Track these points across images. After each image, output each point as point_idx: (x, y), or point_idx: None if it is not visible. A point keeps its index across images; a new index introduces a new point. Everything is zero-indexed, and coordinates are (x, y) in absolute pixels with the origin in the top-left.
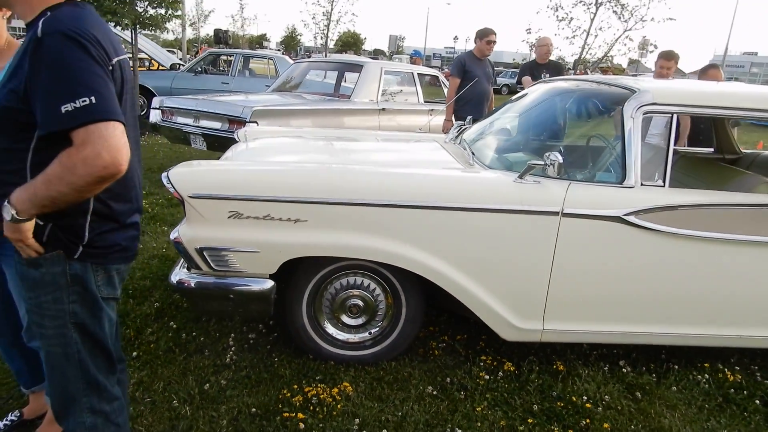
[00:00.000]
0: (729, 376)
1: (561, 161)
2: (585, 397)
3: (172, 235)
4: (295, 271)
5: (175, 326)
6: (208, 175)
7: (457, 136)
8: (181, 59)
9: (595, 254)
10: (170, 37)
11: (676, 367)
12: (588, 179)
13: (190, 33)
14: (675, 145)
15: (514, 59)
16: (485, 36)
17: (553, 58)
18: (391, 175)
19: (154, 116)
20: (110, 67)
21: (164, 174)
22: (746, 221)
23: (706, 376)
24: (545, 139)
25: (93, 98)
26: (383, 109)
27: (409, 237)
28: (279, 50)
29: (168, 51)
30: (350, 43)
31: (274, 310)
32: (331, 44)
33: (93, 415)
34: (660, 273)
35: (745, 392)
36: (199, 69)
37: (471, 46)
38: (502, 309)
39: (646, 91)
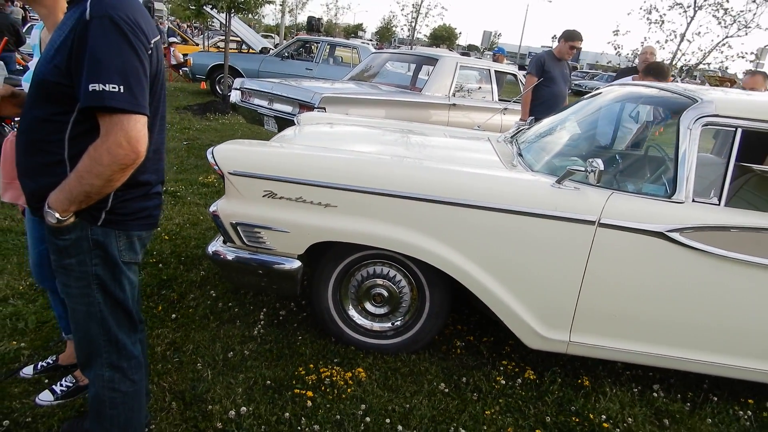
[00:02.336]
0: None
1: (602, 168)
2: (604, 416)
3: (211, 209)
4: (324, 255)
5: (214, 295)
6: (248, 155)
7: (512, 136)
8: (277, 44)
9: (631, 269)
10: (271, 22)
11: (716, 398)
12: (633, 190)
13: (288, 19)
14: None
15: (597, 61)
16: (571, 40)
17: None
18: (424, 169)
19: (235, 96)
20: (149, 51)
21: (209, 150)
22: None
23: (749, 412)
24: (597, 145)
25: (121, 88)
26: (454, 105)
27: (437, 232)
28: (371, 41)
29: (265, 35)
30: (443, 36)
31: (307, 291)
32: (423, 37)
33: (111, 369)
34: (702, 297)
35: None
36: (287, 54)
37: None
38: (528, 316)
39: (708, 102)
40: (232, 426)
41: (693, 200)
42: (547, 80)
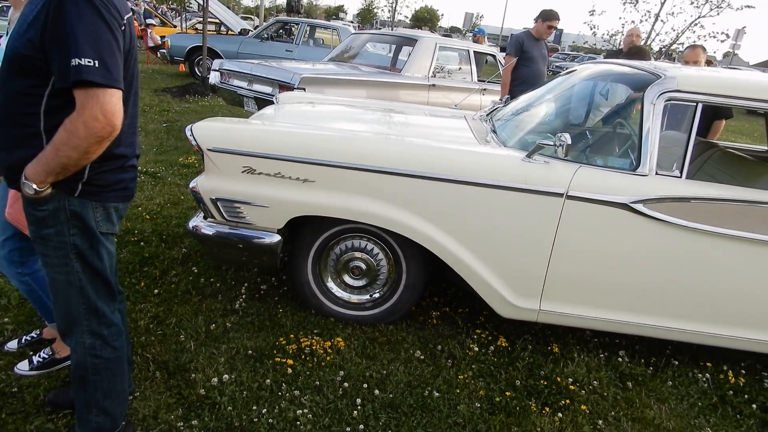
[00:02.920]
0: (731, 377)
1: (569, 143)
2: (571, 379)
3: (191, 185)
4: (302, 229)
5: (196, 271)
6: (226, 132)
7: (488, 114)
8: (257, 26)
9: (597, 240)
10: (251, 3)
11: (677, 363)
12: (600, 164)
13: (267, 1)
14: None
15: (574, 42)
16: (549, 19)
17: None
18: (399, 144)
19: (214, 77)
20: (122, 27)
21: (188, 127)
22: (765, 220)
23: (707, 375)
24: (568, 121)
25: (96, 62)
26: (433, 85)
27: (412, 206)
28: (353, 23)
29: (243, 17)
30: (425, 18)
31: (287, 265)
32: (405, 18)
33: (92, 336)
34: (664, 265)
35: (745, 396)
36: (266, 36)
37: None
38: (499, 285)
39: (671, 78)
40: (214, 392)
41: (656, 173)
42: (526, 60)
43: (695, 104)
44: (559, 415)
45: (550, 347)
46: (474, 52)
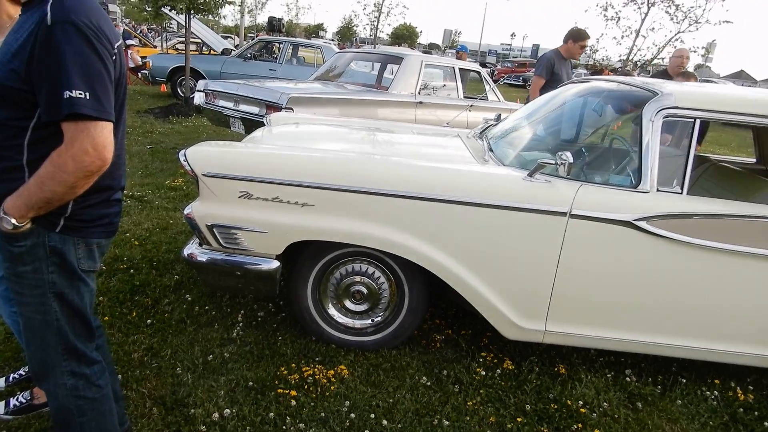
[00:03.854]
0: (740, 395)
1: (571, 161)
2: (581, 402)
3: (185, 211)
4: (302, 254)
5: (190, 299)
6: (221, 156)
7: (481, 132)
8: (237, 45)
9: (602, 258)
10: (230, 23)
11: (684, 380)
12: (602, 181)
13: (248, 20)
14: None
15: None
16: (580, 39)
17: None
18: (400, 166)
19: (198, 98)
20: (113, 57)
21: (181, 152)
22: (766, 235)
23: (716, 392)
24: (565, 139)
25: (87, 94)
26: (420, 103)
27: (413, 228)
28: (333, 41)
29: (224, 36)
30: (405, 35)
31: (285, 291)
32: (384, 36)
33: (74, 377)
34: (669, 282)
35: (755, 413)
36: (249, 55)
37: (528, 44)
38: (504, 307)
39: (668, 94)
40: (216, 429)
41: (657, 189)
42: (554, 81)
43: (693, 120)
44: None
45: (556, 368)
46: (459, 68)
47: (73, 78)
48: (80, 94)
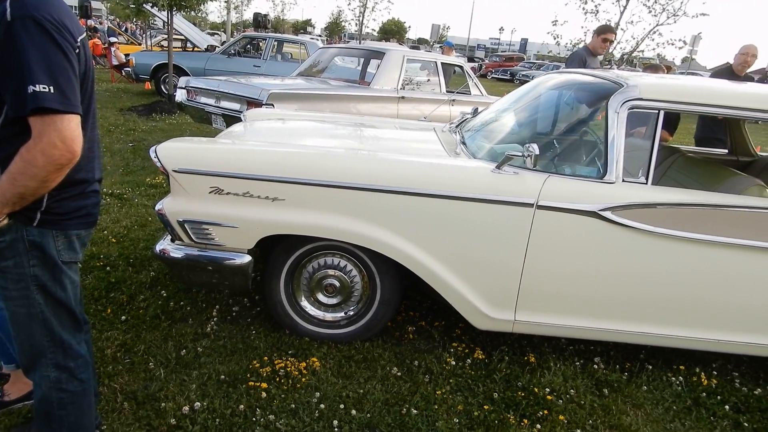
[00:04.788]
0: (704, 380)
1: (537, 153)
2: (548, 389)
3: (157, 207)
4: (274, 248)
5: (165, 295)
6: (192, 152)
7: (457, 126)
8: (224, 42)
9: (569, 248)
10: (217, 19)
11: (651, 367)
12: (569, 173)
13: (234, 16)
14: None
15: (538, 51)
16: (603, 33)
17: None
18: (369, 160)
19: (180, 95)
20: (76, 50)
21: (152, 148)
22: (729, 223)
23: (681, 378)
24: (537, 131)
25: (51, 88)
26: (403, 98)
27: (383, 221)
28: (321, 36)
29: (210, 33)
30: (393, 30)
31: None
32: (372, 31)
33: (58, 370)
34: (633, 271)
35: (718, 397)
36: (233, 51)
37: (516, 38)
38: (474, 297)
39: (633, 86)
40: (186, 421)
41: (623, 180)
42: None
43: (657, 111)
44: (538, 426)
45: (526, 357)
46: (441, 63)
47: (36, 73)
48: (44, 88)
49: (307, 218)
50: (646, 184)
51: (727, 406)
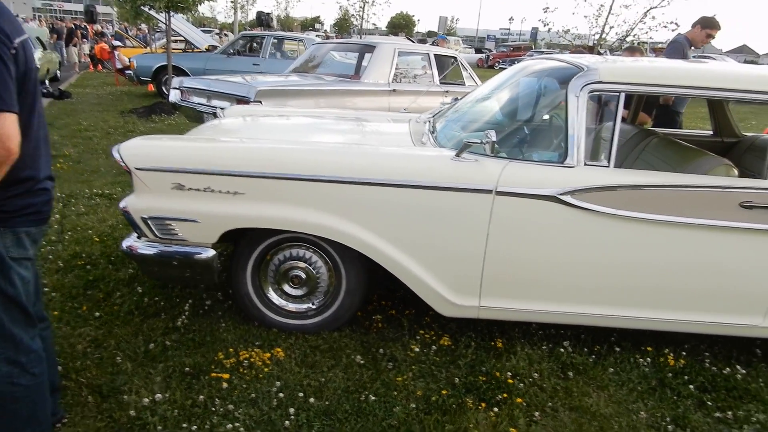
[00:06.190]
0: (671, 360)
1: (494, 139)
2: (510, 373)
3: (121, 205)
4: (240, 241)
5: (141, 291)
6: (153, 150)
7: (434, 115)
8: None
9: (530, 233)
10: (227, 19)
11: (619, 349)
12: (530, 158)
13: (240, 16)
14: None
15: (550, 40)
16: (709, 27)
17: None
18: (327, 152)
19: (174, 96)
20: (13, 51)
21: (114, 147)
22: (691, 204)
23: (648, 359)
24: (502, 118)
25: None
26: (394, 90)
27: (344, 211)
28: (327, 32)
29: (218, 33)
30: (401, 24)
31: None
32: (374, 26)
33: (9, 364)
34: (596, 254)
35: (685, 377)
36: (232, 51)
37: (527, 27)
38: (438, 285)
39: (593, 69)
40: (146, 413)
41: (585, 164)
42: None
43: (618, 94)
44: (495, 409)
45: (493, 342)
46: (434, 55)
47: None
48: None
49: (268, 211)
50: (608, 167)
51: (692, 386)
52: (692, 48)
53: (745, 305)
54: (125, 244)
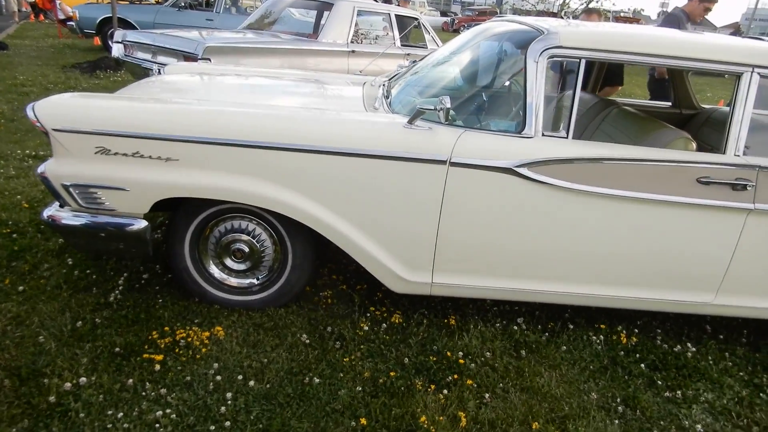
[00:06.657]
0: (623, 338)
1: (449, 106)
2: (461, 353)
3: (38, 170)
4: (176, 212)
5: (71, 263)
6: (73, 109)
7: (390, 79)
8: None
9: (484, 207)
10: None
11: (572, 327)
12: (486, 127)
13: None
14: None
15: (514, 4)
16: (706, 0)
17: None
18: (267, 116)
19: (117, 50)
20: None
21: (29, 106)
22: (648, 178)
23: (602, 337)
24: (460, 83)
25: None
26: (353, 52)
27: (286, 181)
28: None
29: None
30: None
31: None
32: None
33: None
34: (552, 229)
35: (636, 355)
36: (183, 4)
37: None
38: (389, 260)
39: (554, 33)
40: (68, 398)
41: (543, 134)
42: None
43: (579, 60)
44: (445, 391)
45: (446, 320)
46: (396, 15)
47: None
48: None
49: (204, 179)
50: (567, 138)
51: (643, 365)
52: (690, 22)
53: (697, 283)
54: (46, 213)
